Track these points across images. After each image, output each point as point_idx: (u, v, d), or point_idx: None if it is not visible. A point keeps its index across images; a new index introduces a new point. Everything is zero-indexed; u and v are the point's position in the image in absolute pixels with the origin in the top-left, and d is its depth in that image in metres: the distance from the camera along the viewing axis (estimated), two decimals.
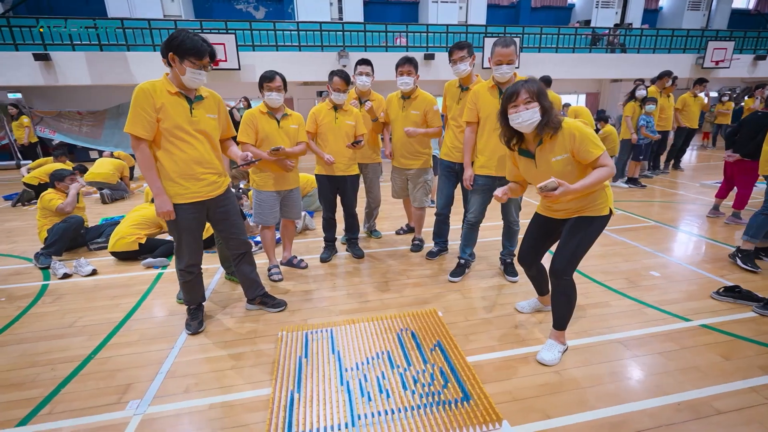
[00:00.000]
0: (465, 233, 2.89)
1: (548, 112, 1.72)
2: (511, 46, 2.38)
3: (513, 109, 1.74)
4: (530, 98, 1.71)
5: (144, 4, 11.14)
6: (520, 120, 1.73)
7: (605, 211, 1.85)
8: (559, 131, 1.73)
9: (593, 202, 1.83)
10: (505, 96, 1.77)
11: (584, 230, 1.86)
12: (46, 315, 2.56)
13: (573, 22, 14.94)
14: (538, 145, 1.80)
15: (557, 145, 1.75)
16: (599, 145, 1.71)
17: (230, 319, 2.47)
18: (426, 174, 3.33)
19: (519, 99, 1.72)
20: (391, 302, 2.62)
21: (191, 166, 2.04)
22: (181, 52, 1.90)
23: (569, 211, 1.89)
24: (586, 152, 1.70)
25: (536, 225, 2.08)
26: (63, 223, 3.57)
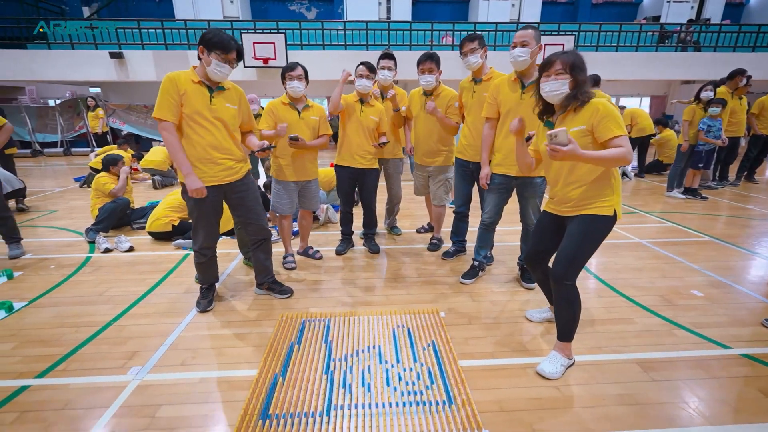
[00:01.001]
0: (480, 234, 2.77)
1: (580, 87, 1.67)
2: (528, 29, 2.26)
3: (545, 79, 1.71)
4: (562, 70, 1.66)
5: (207, 6, 11.98)
6: (547, 89, 1.70)
7: (610, 210, 1.70)
8: (586, 105, 1.66)
9: (599, 197, 1.70)
10: (541, 64, 1.73)
11: (586, 230, 1.72)
12: (83, 283, 2.83)
13: (640, 18, 13.80)
14: (561, 114, 1.75)
15: (579, 116, 1.68)
16: (621, 126, 1.61)
17: (239, 301, 2.56)
18: (447, 172, 3.23)
19: (552, 69, 1.68)
20: (396, 299, 2.58)
21: (208, 150, 2.14)
22: (210, 45, 2.03)
23: (573, 203, 1.76)
24: (605, 128, 1.60)
25: (543, 223, 1.96)
26: (112, 203, 3.93)
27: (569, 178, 1.75)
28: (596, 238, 1.73)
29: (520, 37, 2.26)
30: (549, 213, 1.90)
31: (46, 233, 4.01)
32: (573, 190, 1.74)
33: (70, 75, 9.69)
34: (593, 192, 1.70)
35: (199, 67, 2.12)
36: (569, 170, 1.74)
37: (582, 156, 1.52)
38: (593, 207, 1.71)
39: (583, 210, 1.73)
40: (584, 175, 1.71)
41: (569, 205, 1.77)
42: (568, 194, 1.76)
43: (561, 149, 1.49)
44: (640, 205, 5.09)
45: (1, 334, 2.19)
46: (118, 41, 9.70)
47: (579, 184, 1.72)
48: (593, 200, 1.71)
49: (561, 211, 1.82)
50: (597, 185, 1.70)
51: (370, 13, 12.05)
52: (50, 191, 6.12)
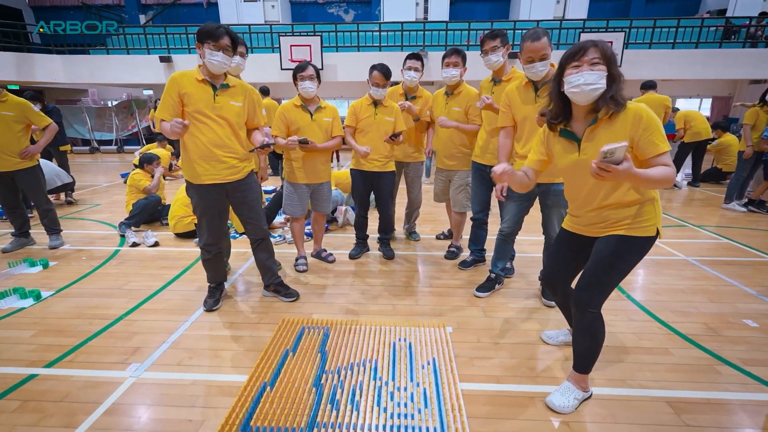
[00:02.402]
0: (498, 244, 2.58)
1: (616, 83, 1.37)
2: (543, 38, 2.03)
3: (574, 70, 1.37)
4: (599, 59, 1.36)
5: (249, 11, 12.47)
6: (582, 81, 1.35)
7: (651, 230, 1.46)
8: (622, 111, 1.37)
9: (638, 216, 1.46)
10: (566, 53, 1.41)
11: (620, 252, 1.48)
12: (107, 276, 2.96)
13: (702, 12, 12.63)
14: (590, 125, 1.44)
15: (615, 127, 1.38)
16: (666, 140, 1.36)
17: (245, 302, 2.56)
18: (468, 177, 3.06)
19: (584, 57, 1.36)
20: (403, 309, 2.46)
21: (210, 148, 2.14)
22: (200, 37, 2.03)
23: (604, 225, 1.52)
24: (650, 143, 1.34)
25: (562, 242, 1.73)
26: (144, 200, 4.12)
27: (605, 202, 1.48)
28: (631, 261, 1.50)
29: (538, 50, 2.03)
30: (570, 232, 1.68)
31: (85, 225, 4.28)
32: (609, 212, 1.49)
33: (125, 78, 10.42)
34: (632, 212, 1.46)
35: (203, 65, 2.12)
36: (606, 193, 1.46)
37: (639, 176, 1.25)
38: (632, 227, 1.47)
39: (616, 230, 1.49)
40: (623, 196, 1.45)
41: (601, 225, 1.54)
42: (602, 216, 1.51)
43: (615, 169, 1.20)
44: (691, 217, 4.60)
45: (25, 321, 2.32)
46: (167, 46, 10.31)
47: (616, 206, 1.47)
48: (629, 220, 1.47)
49: (588, 232, 1.60)
50: (637, 203, 1.45)
51: (407, 13, 11.96)
52: (99, 186, 6.58)
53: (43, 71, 10.40)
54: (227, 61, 2.08)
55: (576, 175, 1.54)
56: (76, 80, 10.66)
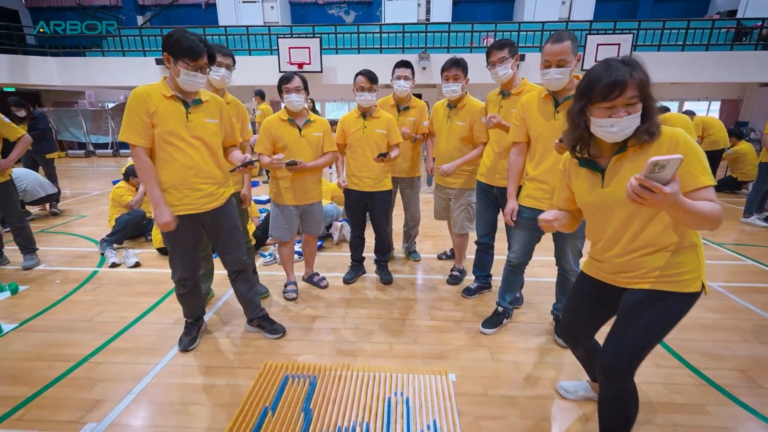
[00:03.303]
0: (505, 276, 2.32)
1: (650, 113, 1.13)
2: (565, 41, 1.77)
3: (605, 111, 1.13)
4: (637, 96, 1.10)
5: (248, 12, 12.23)
6: (615, 130, 1.12)
7: (694, 285, 1.21)
8: (655, 140, 1.15)
9: (676, 266, 1.20)
10: (597, 87, 1.11)
11: (657, 312, 1.23)
12: (79, 304, 2.72)
13: (712, 13, 12.32)
14: (617, 154, 1.20)
15: (647, 156, 1.13)
16: (708, 170, 1.10)
17: (226, 338, 2.31)
18: (470, 195, 2.80)
19: (622, 97, 1.10)
20: (401, 349, 2.20)
21: (185, 175, 1.89)
22: (175, 52, 1.75)
23: (634, 275, 1.27)
24: (688, 174, 1.09)
25: (584, 291, 1.47)
26: (128, 215, 3.87)
27: (636, 242, 1.23)
28: (671, 322, 1.24)
29: (556, 54, 1.77)
30: (592, 278, 1.42)
31: (65, 241, 4.04)
32: (639, 257, 1.24)
33: (122, 80, 10.21)
34: (667, 259, 1.20)
35: (169, 77, 1.85)
36: (635, 233, 1.22)
37: (684, 206, 0.99)
38: (670, 281, 1.21)
39: (652, 283, 1.24)
40: (657, 237, 1.20)
41: (629, 274, 1.28)
42: (631, 263, 1.26)
43: (660, 190, 0.93)
44: (707, 233, 4.32)
45: None
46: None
47: (650, 249, 1.22)
48: (669, 271, 1.21)
49: (614, 281, 1.34)
50: (674, 249, 1.20)
51: (409, 15, 11.70)
52: (88, 194, 6.35)
53: (38, 73, 10.20)
54: (203, 79, 1.84)
55: (598, 212, 1.29)
56: (72, 82, 10.46)
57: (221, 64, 2.31)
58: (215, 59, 1.89)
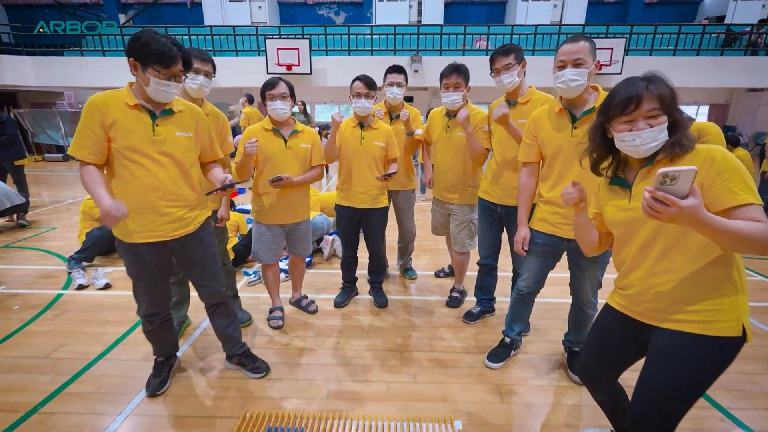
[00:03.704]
0: (514, 305, 2.10)
1: (679, 126, 1.06)
2: (581, 41, 1.59)
3: (626, 125, 1.06)
4: (658, 109, 1.03)
5: (235, 12, 11.90)
6: (638, 143, 1.05)
7: (734, 329, 1.03)
8: (688, 153, 1.05)
9: (715, 306, 1.03)
10: (614, 102, 1.07)
11: (693, 360, 1.06)
12: (36, 336, 2.42)
13: (701, 18, 12.43)
14: (645, 167, 1.11)
15: None
16: (752, 189, 0.95)
17: (202, 378, 2.05)
18: (472, 212, 2.59)
19: (640, 110, 1.04)
20: (399, 390, 1.96)
21: (150, 197, 1.62)
22: (143, 57, 1.48)
23: (664, 312, 1.10)
24: (726, 190, 0.97)
25: (607, 326, 1.30)
26: (98, 230, 3.56)
27: (661, 264, 1.09)
28: (713, 373, 1.07)
29: (571, 53, 1.58)
30: (617, 312, 1.24)
31: (31, 258, 3.71)
32: (665, 283, 1.08)
33: (102, 81, 9.80)
34: (701, 291, 1.04)
35: (136, 84, 1.58)
36: (662, 251, 1.08)
37: (711, 223, 0.88)
38: (703, 321, 1.04)
39: (683, 323, 1.07)
40: (689, 262, 1.05)
41: (656, 307, 1.11)
42: (656, 289, 1.10)
43: (675, 203, 0.85)
44: None
45: None
46: None
47: (677, 275, 1.07)
48: (702, 308, 1.04)
49: (641, 316, 1.16)
50: (709, 280, 1.04)
51: (400, 16, 11.53)
52: (62, 202, 5.97)
53: (12, 74, 9.74)
54: (177, 88, 1.57)
55: (625, 229, 1.15)
56: (49, 83, 10.02)
57: (199, 70, 2.04)
58: (191, 65, 1.63)
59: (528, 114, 2.03)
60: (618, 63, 9.03)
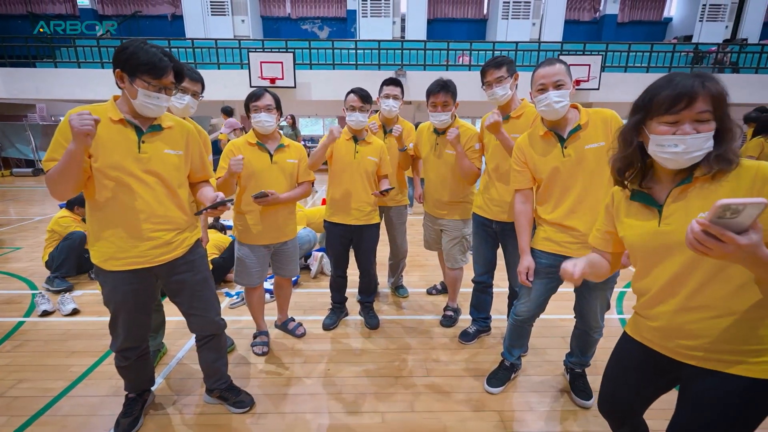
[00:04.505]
0: (512, 329, 1.99)
1: (727, 137, 0.92)
2: (557, 64, 1.57)
3: (669, 128, 0.92)
4: (710, 112, 0.90)
5: (218, 25, 11.80)
6: (680, 150, 0.91)
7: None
8: (732, 170, 0.92)
9: (758, 343, 0.92)
10: (661, 97, 0.92)
11: (740, 407, 0.95)
12: None
13: (669, 38, 13.05)
14: (680, 185, 0.97)
15: (722, 190, 0.92)
16: None
17: (178, 415, 1.86)
18: (465, 227, 2.51)
19: (690, 110, 0.90)
20: (394, 422, 1.83)
21: (133, 221, 1.47)
22: (130, 67, 1.36)
23: (701, 350, 0.98)
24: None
25: (630, 359, 1.18)
26: (65, 240, 3.35)
27: (697, 299, 0.96)
28: (760, 420, 0.96)
29: (550, 75, 1.55)
30: (639, 345, 1.13)
31: None
32: (704, 321, 0.97)
33: (77, 93, 9.49)
34: (748, 331, 0.93)
35: (122, 98, 1.46)
36: (699, 285, 0.95)
37: (765, 260, 0.75)
38: (752, 363, 0.93)
39: (726, 365, 0.96)
40: (731, 297, 0.93)
41: (693, 345, 0.99)
42: (690, 327, 0.98)
43: (732, 239, 0.72)
44: None
45: None
46: None
47: (717, 312, 0.95)
48: (747, 347, 0.93)
49: (673, 353, 1.05)
50: (754, 315, 0.92)
51: (384, 32, 11.66)
52: (29, 220, 5.63)
53: None
54: (167, 102, 1.45)
55: (651, 255, 1.03)
56: (19, 95, 9.62)
57: (187, 90, 1.94)
58: (183, 77, 1.51)
59: (521, 128, 1.99)
60: (596, 79, 9.32)
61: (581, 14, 13.19)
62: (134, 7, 12.74)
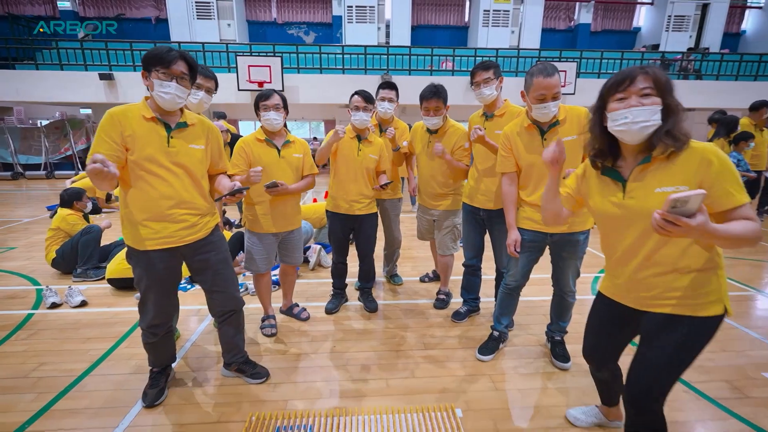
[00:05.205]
0: (502, 299, 2.26)
1: (674, 115, 1.12)
2: (555, 75, 1.79)
3: (619, 104, 1.14)
4: (650, 89, 1.11)
5: (203, 29, 11.81)
6: (628, 120, 1.12)
7: (717, 308, 1.18)
8: (683, 150, 1.12)
9: (696, 289, 1.18)
10: (610, 82, 1.17)
11: (679, 341, 1.20)
12: (11, 356, 2.28)
13: (638, 46, 13.80)
14: (641, 164, 1.18)
15: (674, 170, 1.13)
16: (742, 186, 1.09)
17: (200, 388, 2.02)
18: (455, 216, 2.76)
19: (632, 88, 1.12)
20: (398, 385, 2.05)
21: (163, 205, 1.66)
22: (146, 64, 1.58)
23: (651, 296, 1.23)
24: (725, 193, 1.08)
25: (602, 313, 1.44)
26: (85, 234, 3.49)
27: (653, 259, 1.20)
28: (698, 347, 1.21)
29: (551, 87, 1.78)
30: (610, 300, 1.38)
31: None
32: (657, 276, 1.21)
33: (58, 96, 9.35)
34: (688, 281, 1.17)
35: (151, 99, 1.66)
36: (654, 248, 1.18)
37: (716, 234, 0.98)
38: (691, 304, 1.18)
39: (673, 307, 1.20)
40: (678, 257, 1.17)
41: (648, 295, 1.24)
42: (647, 281, 1.23)
43: (686, 223, 0.93)
44: None
45: None
46: (108, 63, 9.41)
47: (668, 269, 1.18)
48: (690, 293, 1.18)
49: (632, 303, 1.30)
50: (696, 268, 1.17)
51: (369, 37, 11.91)
52: (17, 222, 5.59)
53: None
54: (182, 93, 1.63)
55: (616, 223, 1.26)
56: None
57: (201, 86, 2.15)
58: (196, 70, 1.70)
59: (503, 125, 2.24)
60: (571, 84, 9.83)
61: (557, 23, 13.80)
62: (117, 9, 12.61)
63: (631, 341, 1.45)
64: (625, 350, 1.47)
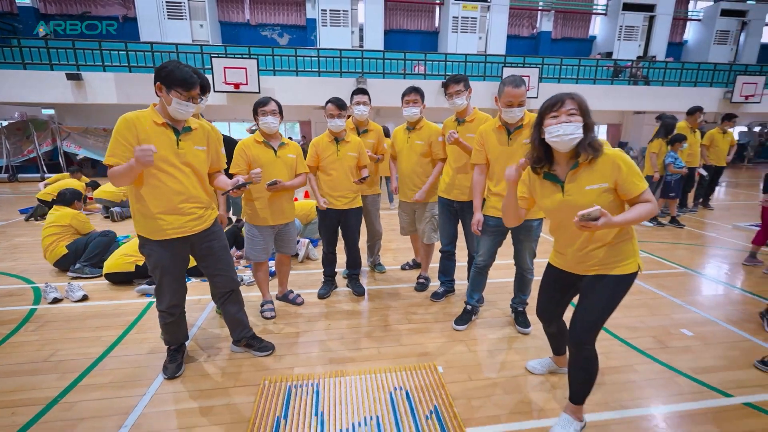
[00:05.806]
0: (473, 277, 2.66)
1: (591, 131, 1.53)
2: (521, 86, 2.21)
3: (553, 120, 1.52)
4: (575, 110, 1.50)
5: (174, 29, 11.68)
6: (560, 132, 1.49)
7: (632, 267, 1.61)
8: (600, 157, 1.51)
9: (618, 256, 1.59)
10: (545, 104, 1.55)
11: (611, 293, 1.61)
12: (24, 345, 2.44)
13: (594, 53, 14.85)
14: (573, 168, 1.56)
15: (596, 171, 1.52)
16: (643, 179, 1.51)
17: (212, 363, 2.28)
18: (433, 208, 3.14)
19: (562, 109, 1.51)
20: (388, 352, 2.39)
21: (174, 200, 1.92)
22: (168, 82, 1.82)
23: (589, 264, 1.65)
24: (631, 185, 1.49)
25: (551, 279, 1.85)
26: (104, 236, 3.70)
27: (589, 242, 1.61)
28: (618, 299, 1.62)
29: (518, 96, 2.20)
30: (557, 269, 1.79)
31: None
32: (592, 251, 1.62)
33: (22, 96, 9.03)
34: (615, 251, 1.59)
35: (159, 104, 1.91)
36: (589, 234, 1.60)
37: (617, 224, 1.41)
38: (613, 266, 1.60)
39: (601, 269, 1.62)
40: (605, 236, 1.59)
41: (587, 265, 1.65)
42: (587, 255, 1.63)
43: (595, 225, 1.37)
44: None
45: None
46: (76, 62, 9.19)
47: (599, 244, 1.59)
48: (611, 260, 1.59)
49: (575, 270, 1.70)
50: (619, 241, 1.59)
51: (343, 40, 12.20)
52: None
53: None
54: (193, 108, 1.90)
55: (561, 215, 1.65)
56: None
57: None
58: (208, 90, 1.97)
59: (474, 129, 2.65)
60: (534, 89, 10.54)
61: (521, 30, 14.61)
62: (80, 7, 12.22)
63: (571, 302, 1.87)
64: (566, 311, 1.89)
